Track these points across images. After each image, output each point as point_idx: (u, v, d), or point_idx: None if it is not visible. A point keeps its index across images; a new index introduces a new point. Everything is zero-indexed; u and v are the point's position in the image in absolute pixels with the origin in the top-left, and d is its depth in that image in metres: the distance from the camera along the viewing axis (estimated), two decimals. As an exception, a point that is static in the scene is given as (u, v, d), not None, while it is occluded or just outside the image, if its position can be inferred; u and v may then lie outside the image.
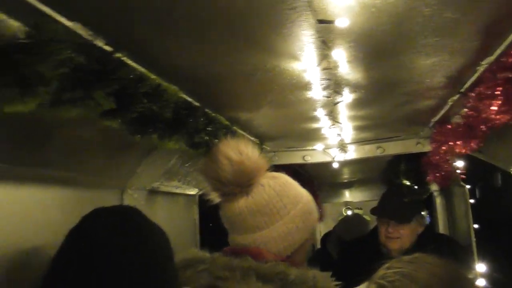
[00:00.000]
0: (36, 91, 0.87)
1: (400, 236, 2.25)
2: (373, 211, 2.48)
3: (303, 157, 3.10)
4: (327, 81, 1.46)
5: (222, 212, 1.24)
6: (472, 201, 3.12)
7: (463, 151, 1.87)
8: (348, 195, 6.64)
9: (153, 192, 2.06)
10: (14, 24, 0.89)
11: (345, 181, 5.83)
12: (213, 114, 1.86)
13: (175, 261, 1.13)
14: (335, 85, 1.51)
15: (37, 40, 0.86)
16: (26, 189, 1.33)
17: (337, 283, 1.15)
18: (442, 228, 3.50)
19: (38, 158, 1.33)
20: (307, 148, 3.06)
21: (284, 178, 1.23)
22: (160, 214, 2.15)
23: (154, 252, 1.02)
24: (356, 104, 1.84)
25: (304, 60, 1.28)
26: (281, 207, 1.17)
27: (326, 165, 3.22)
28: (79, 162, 1.52)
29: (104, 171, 1.68)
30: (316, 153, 3.09)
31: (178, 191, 2.38)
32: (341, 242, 4.03)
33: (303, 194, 1.23)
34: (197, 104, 1.70)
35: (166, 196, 2.24)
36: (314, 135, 2.69)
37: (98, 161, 1.61)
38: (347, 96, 1.64)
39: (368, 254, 2.34)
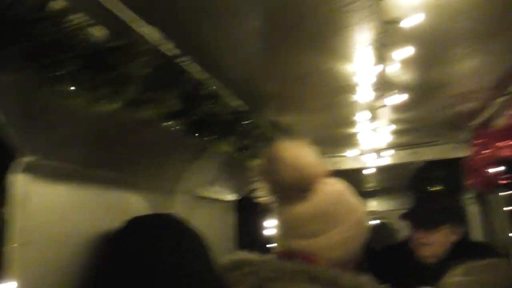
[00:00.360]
0: (123, 91, 0.92)
1: (430, 242, 2.20)
2: (402, 217, 2.44)
3: (335, 164, 3.10)
4: (377, 83, 1.48)
5: (278, 216, 1.24)
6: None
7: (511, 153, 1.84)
8: (372, 205, 6.56)
9: (197, 197, 2.10)
10: (100, 29, 0.95)
11: (370, 190, 5.78)
12: (258, 118, 1.90)
13: (220, 264, 1.16)
14: (384, 87, 1.53)
15: (125, 42, 0.91)
16: (89, 190, 1.39)
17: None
18: (477, 235, 3.43)
19: (99, 160, 1.38)
20: (339, 154, 3.06)
21: (342, 186, 1.22)
22: (201, 219, 2.18)
23: (191, 258, 1.06)
24: (400, 107, 1.85)
25: (359, 61, 1.31)
26: (338, 215, 1.16)
27: (352, 173, 3.20)
28: (134, 165, 1.57)
29: (155, 175, 1.73)
30: (348, 160, 3.09)
31: (217, 196, 2.41)
32: (370, 252, 3.98)
33: (358, 203, 1.22)
34: (245, 108, 1.74)
35: (207, 202, 2.27)
36: (348, 141, 2.69)
37: (150, 164, 1.66)
38: (393, 99, 1.66)
39: (402, 263, 2.31)
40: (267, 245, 2.86)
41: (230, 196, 2.59)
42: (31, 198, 1.17)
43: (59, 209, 1.26)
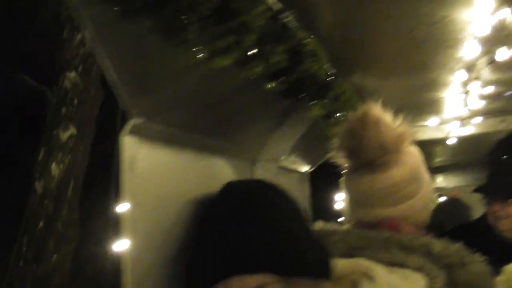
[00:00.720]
0: (242, 42, 0.87)
1: (509, 215, 2.00)
2: (476, 190, 2.24)
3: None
4: (494, 32, 1.32)
5: (363, 184, 1.16)
6: None
7: None
8: (439, 181, 6.23)
9: (277, 167, 2.07)
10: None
11: (437, 165, 5.47)
12: (344, 83, 1.81)
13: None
14: (499, 38, 1.37)
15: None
16: (185, 154, 1.40)
17: (484, 258, 1.06)
18: None
19: (196, 124, 1.39)
20: (418, 123, 2.88)
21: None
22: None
23: (291, 222, 1.02)
24: (507, 64, 1.67)
25: (478, 7, 1.17)
26: (423, 175, 1.12)
27: (422, 145, 2.99)
28: (224, 130, 1.57)
29: (241, 141, 1.72)
30: (427, 130, 2.90)
31: (294, 167, 2.37)
32: (440, 231, 3.77)
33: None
34: (332, 70, 1.65)
35: (285, 172, 2.24)
36: (431, 108, 2.52)
37: (237, 130, 1.65)
38: (503, 53, 1.48)
39: (479, 240, 2.12)
40: (338, 218, 2.80)
41: (305, 167, 2.54)
42: (138, 161, 1.20)
43: (162, 172, 1.28)
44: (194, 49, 0.81)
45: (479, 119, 2.70)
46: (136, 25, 0.84)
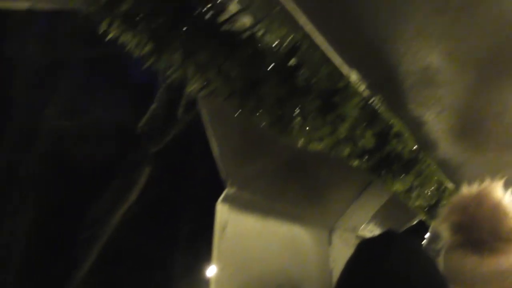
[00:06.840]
0: (337, 132, 0.96)
1: None
2: None
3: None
4: None
5: (467, 264, 1.10)
6: None
7: None
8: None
9: (355, 236, 2.04)
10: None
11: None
12: (428, 159, 1.79)
13: None
14: None
15: (344, 84, 0.96)
16: (269, 221, 1.48)
17: None
18: None
19: (279, 193, 1.47)
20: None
21: None
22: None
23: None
24: None
25: None
26: None
27: None
28: (304, 199, 1.63)
29: (319, 210, 1.76)
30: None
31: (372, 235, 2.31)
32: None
33: None
34: (416, 147, 1.66)
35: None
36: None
37: (317, 199, 1.70)
38: None
39: None
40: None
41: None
42: (228, 226, 1.30)
43: (248, 237, 1.37)
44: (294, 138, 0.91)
45: None
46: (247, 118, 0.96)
